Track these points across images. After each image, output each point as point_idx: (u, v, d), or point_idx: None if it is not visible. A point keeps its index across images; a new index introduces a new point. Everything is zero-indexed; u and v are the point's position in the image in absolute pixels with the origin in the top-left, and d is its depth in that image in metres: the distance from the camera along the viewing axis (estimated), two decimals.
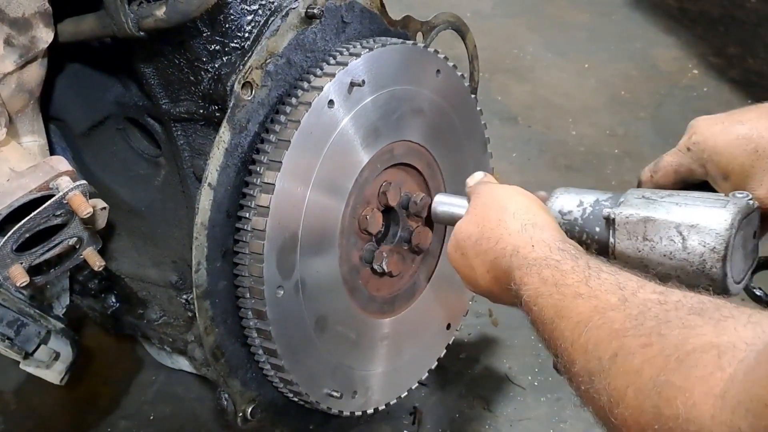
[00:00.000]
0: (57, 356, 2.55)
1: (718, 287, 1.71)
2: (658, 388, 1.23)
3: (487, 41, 5.21)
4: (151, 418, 2.97)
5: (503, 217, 1.85)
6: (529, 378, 3.18)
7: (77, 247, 2.13)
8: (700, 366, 1.19)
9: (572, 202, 1.96)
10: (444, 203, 2.24)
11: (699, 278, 1.71)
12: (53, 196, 1.98)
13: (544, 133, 4.65)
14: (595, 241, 1.91)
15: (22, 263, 2.03)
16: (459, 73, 2.47)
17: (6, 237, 1.94)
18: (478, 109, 2.58)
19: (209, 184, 2.02)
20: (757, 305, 3.28)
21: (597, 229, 1.90)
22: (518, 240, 1.77)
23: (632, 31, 5.65)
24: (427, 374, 2.63)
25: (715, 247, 1.70)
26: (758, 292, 3.35)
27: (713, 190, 1.89)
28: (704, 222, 1.72)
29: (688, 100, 4.97)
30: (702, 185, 1.93)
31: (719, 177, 1.88)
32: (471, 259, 1.90)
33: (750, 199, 1.77)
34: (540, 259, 1.67)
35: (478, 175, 2.07)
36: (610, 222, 1.84)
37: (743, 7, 5.94)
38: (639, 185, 2.03)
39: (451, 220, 2.11)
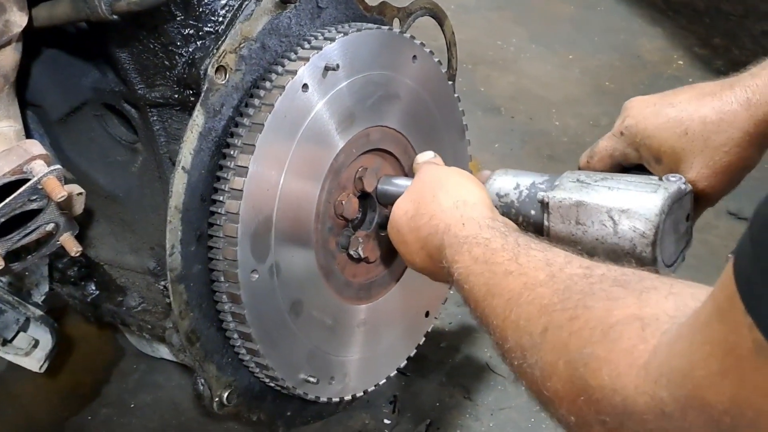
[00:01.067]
0: (36, 344, 2.55)
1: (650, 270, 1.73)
2: (584, 360, 1.25)
3: (471, 33, 5.22)
4: (132, 406, 2.98)
5: (437, 193, 1.88)
6: None
7: (54, 233, 2.13)
8: (624, 338, 1.21)
9: (509, 184, 1.98)
10: (388, 183, 2.26)
11: (630, 262, 1.72)
12: (27, 180, 1.97)
13: (527, 123, 4.66)
14: (530, 224, 1.92)
15: None
16: (436, 60, 2.47)
17: None
18: (456, 96, 2.58)
19: (183, 168, 2.02)
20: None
21: (532, 212, 1.91)
22: (449, 217, 1.79)
23: (617, 23, 5.66)
24: (406, 362, 2.62)
25: (644, 232, 1.72)
26: None
27: (649, 173, 1.90)
28: (635, 207, 1.74)
29: None
30: (637, 168, 1.94)
31: (652, 160, 1.90)
32: (406, 235, 1.94)
33: (683, 183, 1.78)
34: (470, 237, 1.69)
35: (427, 155, 2.10)
36: (544, 206, 1.86)
37: None
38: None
39: (394, 200, 2.12)
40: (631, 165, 1.97)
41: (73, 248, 2.16)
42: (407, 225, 1.92)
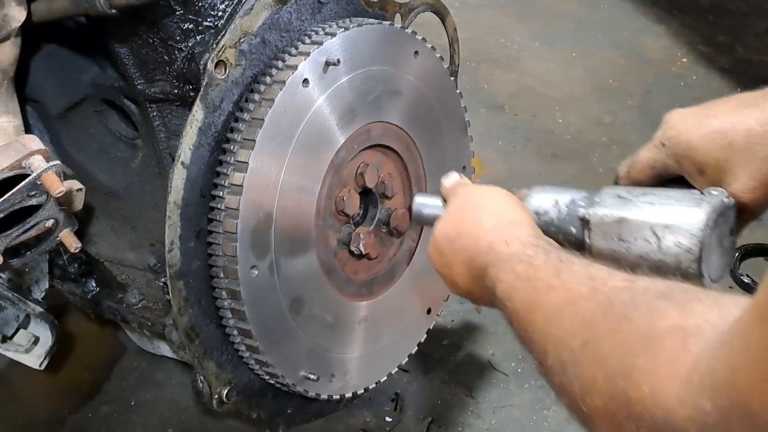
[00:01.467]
0: (36, 341, 2.54)
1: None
2: (625, 373, 1.21)
3: (474, 31, 5.21)
4: (132, 403, 2.97)
5: (479, 215, 1.84)
6: (512, 365, 3.18)
7: (53, 229, 2.11)
8: (666, 348, 1.17)
9: (548, 201, 1.92)
10: (426, 205, 2.23)
11: (675, 278, 1.69)
12: (26, 175, 1.96)
13: (530, 121, 4.65)
14: (571, 242, 1.88)
15: None
16: (438, 56, 2.46)
17: None
18: (458, 91, 2.57)
19: (182, 163, 2.01)
20: (745, 293, 3.28)
21: (573, 229, 1.87)
22: (493, 237, 1.76)
23: (621, 21, 5.65)
24: (407, 359, 2.61)
25: (690, 248, 1.67)
26: (746, 279, 3.35)
27: (689, 185, 1.88)
28: (679, 222, 1.69)
29: (676, 88, 4.97)
30: (678, 180, 1.92)
31: (695, 172, 1.84)
32: (449, 258, 1.88)
33: (725, 197, 1.73)
34: (513, 255, 1.66)
35: (453, 176, 2.06)
36: (585, 223, 1.81)
37: None
38: (616, 181, 2.00)
39: (431, 221, 2.09)
40: (671, 177, 1.92)
41: (73, 244, 2.14)
42: (450, 249, 1.87)
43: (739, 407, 1.02)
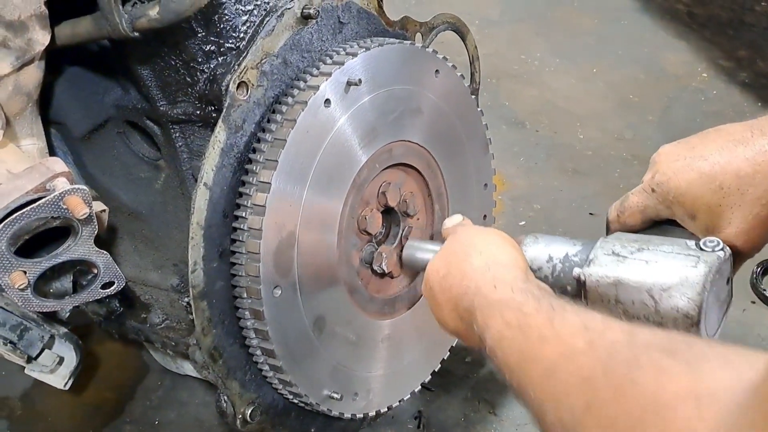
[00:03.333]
0: (61, 361, 2.55)
1: None
2: None
3: (495, 47, 5.21)
4: (156, 423, 2.97)
5: (470, 253, 1.81)
6: None
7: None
8: (679, 417, 1.11)
9: (542, 255, 1.90)
10: (418, 248, 2.22)
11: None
12: None
13: (551, 137, 4.64)
14: (566, 295, 1.85)
15: (25, 271, 2.03)
16: (459, 74, 2.46)
17: None
18: (479, 109, 2.57)
19: (205, 184, 2.02)
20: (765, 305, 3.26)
21: (568, 288, 1.82)
22: (480, 278, 1.71)
23: (641, 36, 5.63)
24: (430, 377, 2.61)
25: (688, 313, 1.64)
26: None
27: (681, 227, 1.85)
28: (675, 285, 1.66)
29: (697, 102, 4.95)
30: (671, 221, 1.88)
31: (686, 217, 1.82)
32: (438, 295, 1.85)
33: (720, 249, 1.70)
34: (502, 300, 1.61)
35: (456, 218, 2.05)
36: (581, 284, 1.79)
37: (753, 10, 5.92)
38: (607, 224, 1.97)
39: (422, 266, 2.08)
40: (662, 220, 1.89)
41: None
42: (439, 285, 1.83)
43: None
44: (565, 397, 1.32)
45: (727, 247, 1.72)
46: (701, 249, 1.70)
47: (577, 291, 1.80)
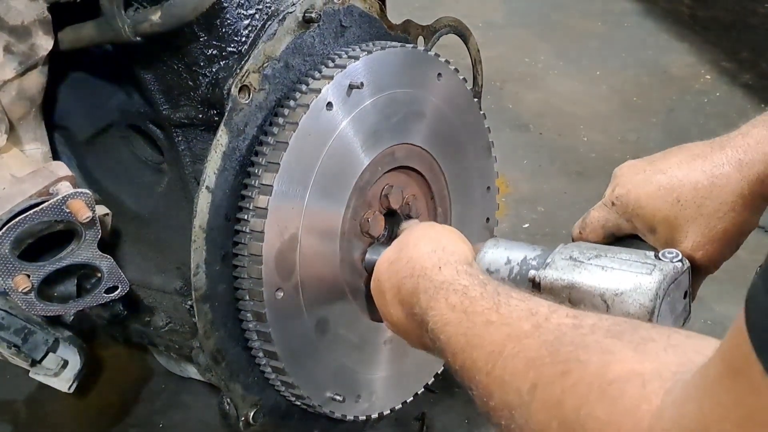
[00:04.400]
0: (65, 364, 2.56)
1: None
2: (581, 421, 1.16)
3: (499, 50, 5.22)
4: (161, 425, 2.98)
5: (419, 240, 1.82)
6: None
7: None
8: (625, 397, 1.12)
9: (500, 258, 1.91)
10: (377, 252, 2.24)
11: None
12: None
13: (555, 140, 4.64)
14: None
15: (28, 275, 2.04)
16: (461, 77, 2.47)
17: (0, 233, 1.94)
18: (482, 113, 2.57)
19: (207, 187, 2.03)
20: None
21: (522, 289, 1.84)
22: (426, 260, 1.72)
23: (644, 39, 5.64)
24: (433, 379, 2.62)
25: (639, 317, 1.64)
26: None
27: (643, 242, 1.85)
28: (628, 291, 1.66)
29: (700, 105, 4.96)
30: (632, 237, 1.88)
31: (646, 231, 1.83)
32: (383, 283, 1.86)
33: (678, 260, 1.70)
34: (447, 282, 1.61)
35: (413, 222, 2.07)
36: (535, 285, 1.79)
37: (755, 12, 5.92)
38: (572, 241, 1.97)
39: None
40: (624, 235, 1.90)
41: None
42: (387, 271, 1.85)
43: None
44: (510, 378, 1.32)
45: (686, 260, 1.72)
46: (659, 259, 1.70)
47: (531, 293, 1.79)
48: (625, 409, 1.11)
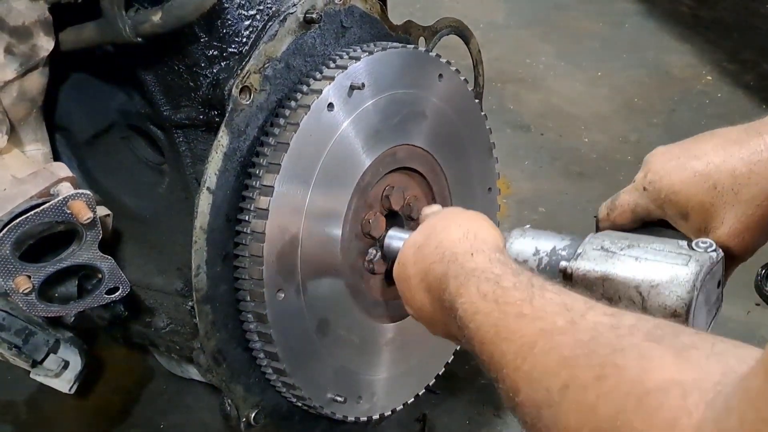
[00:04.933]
0: (66, 365, 2.55)
1: None
2: (617, 430, 1.11)
3: (500, 51, 5.22)
4: (162, 426, 2.98)
5: (449, 225, 1.78)
6: None
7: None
8: (665, 408, 1.07)
9: (528, 248, 1.85)
10: (397, 237, 2.23)
11: None
12: None
13: (556, 140, 4.65)
14: None
15: (29, 275, 2.03)
16: (462, 78, 2.46)
17: (1, 234, 1.94)
18: (483, 113, 2.57)
19: (208, 188, 2.03)
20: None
21: (554, 281, 1.80)
22: (457, 246, 1.68)
23: (645, 40, 5.64)
24: (434, 380, 2.62)
25: (676, 311, 1.60)
26: None
27: (672, 228, 1.81)
28: (665, 282, 1.62)
29: (701, 105, 4.96)
30: (661, 222, 1.84)
31: (678, 217, 1.78)
32: (409, 268, 1.81)
33: (713, 250, 1.66)
34: (479, 270, 1.57)
35: (435, 207, 2.04)
36: (567, 276, 1.74)
37: (757, 13, 5.92)
38: (597, 222, 1.93)
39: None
40: (652, 221, 1.86)
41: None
42: (413, 256, 1.79)
43: None
44: (541, 376, 1.28)
45: (720, 249, 1.68)
46: (693, 249, 1.66)
47: (564, 285, 1.75)
48: (664, 422, 1.07)
